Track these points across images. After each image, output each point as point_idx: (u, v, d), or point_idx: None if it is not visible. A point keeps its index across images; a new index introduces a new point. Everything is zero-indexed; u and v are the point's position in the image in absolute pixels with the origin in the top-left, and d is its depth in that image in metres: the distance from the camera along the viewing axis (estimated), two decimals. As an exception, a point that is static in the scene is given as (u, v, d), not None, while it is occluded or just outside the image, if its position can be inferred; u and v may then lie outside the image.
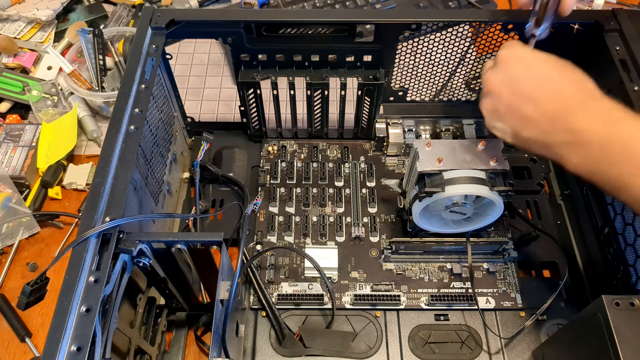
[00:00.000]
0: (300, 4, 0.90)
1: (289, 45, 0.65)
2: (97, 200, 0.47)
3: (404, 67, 0.68)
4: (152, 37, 0.61)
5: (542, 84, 0.48)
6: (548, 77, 0.48)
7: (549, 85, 0.47)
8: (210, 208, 0.72)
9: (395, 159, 0.76)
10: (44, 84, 0.84)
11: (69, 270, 0.42)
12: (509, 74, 0.49)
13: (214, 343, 0.44)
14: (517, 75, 0.48)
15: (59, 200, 0.75)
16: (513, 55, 0.50)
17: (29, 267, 0.69)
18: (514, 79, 0.48)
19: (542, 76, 0.48)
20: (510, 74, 0.49)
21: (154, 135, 0.60)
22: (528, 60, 0.49)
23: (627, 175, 0.43)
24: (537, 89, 0.47)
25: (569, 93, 0.47)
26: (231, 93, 0.87)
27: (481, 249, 0.65)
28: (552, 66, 0.48)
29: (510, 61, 0.49)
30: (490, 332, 0.62)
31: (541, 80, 0.48)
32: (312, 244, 0.68)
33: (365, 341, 0.61)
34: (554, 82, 0.47)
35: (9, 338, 0.63)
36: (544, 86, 0.47)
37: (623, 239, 0.59)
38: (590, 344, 0.47)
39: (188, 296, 0.58)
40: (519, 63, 0.49)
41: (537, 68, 0.49)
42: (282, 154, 0.76)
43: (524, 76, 0.48)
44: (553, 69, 0.48)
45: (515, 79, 0.48)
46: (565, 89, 0.47)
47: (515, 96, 0.48)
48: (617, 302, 0.44)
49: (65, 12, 0.95)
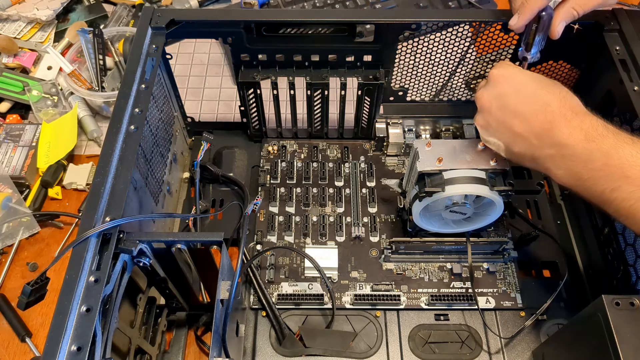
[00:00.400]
0: (300, 4, 0.90)
1: (289, 45, 0.65)
2: (97, 200, 0.47)
3: (404, 67, 0.68)
4: (152, 37, 0.61)
5: (529, 100, 0.49)
6: (535, 94, 0.50)
7: (536, 101, 0.49)
8: (210, 208, 0.72)
9: (395, 159, 0.76)
10: (44, 84, 0.84)
11: (69, 270, 0.42)
12: (499, 91, 0.51)
13: (214, 343, 0.44)
14: (506, 92, 0.51)
15: (59, 200, 0.75)
16: (503, 73, 0.52)
17: (29, 267, 0.69)
18: (503, 95, 0.51)
19: (530, 93, 0.50)
20: (500, 91, 0.51)
21: (154, 135, 0.60)
22: (517, 79, 0.52)
23: (609, 190, 0.45)
24: (524, 104, 0.49)
25: (554, 109, 0.48)
26: (231, 93, 0.87)
27: (481, 249, 0.65)
28: (539, 84, 0.51)
29: (501, 79, 0.52)
30: (490, 332, 0.62)
31: (528, 97, 0.50)
32: (312, 244, 0.68)
33: (365, 341, 0.61)
34: (540, 98, 0.49)
35: (9, 338, 0.63)
36: (531, 102, 0.49)
37: (623, 239, 0.59)
38: (590, 344, 0.47)
39: (188, 296, 0.58)
40: (509, 81, 0.52)
41: (525, 86, 0.51)
42: (282, 154, 0.76)
43: (513, 93, 0.51)
44: (540, 87, 0.50)
45: (504, 96, 0.51)
46: (551, 105, 0.48)
47: (504, 112, 0.51)
48: (617, 302, 0.44)
49: (65, 12, 0.95)
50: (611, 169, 0.44)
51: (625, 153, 0.44)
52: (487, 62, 0.68)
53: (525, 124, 0.49)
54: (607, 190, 0.45)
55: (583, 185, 0.47)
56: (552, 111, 0.48)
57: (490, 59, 0.67)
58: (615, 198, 0.44)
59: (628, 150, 0.44)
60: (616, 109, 0.60)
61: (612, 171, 0.44)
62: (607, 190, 0.45)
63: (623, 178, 0.44)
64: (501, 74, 0.52)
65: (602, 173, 0.45)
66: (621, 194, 0.44)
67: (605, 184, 0.45)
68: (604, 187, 0.45)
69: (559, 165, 0.48)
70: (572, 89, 0.50)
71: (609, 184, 0.45)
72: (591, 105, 0.49)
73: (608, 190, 0.45)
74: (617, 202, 0.44)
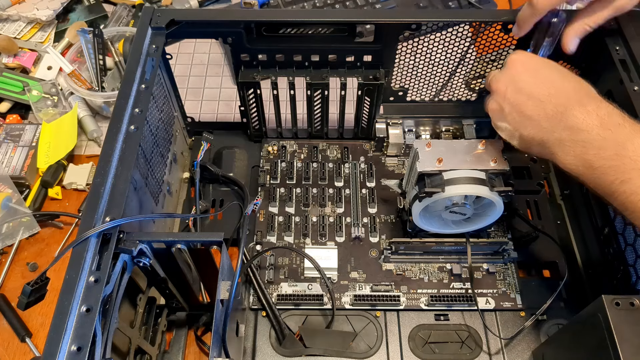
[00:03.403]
0: (300, 4, 0.90)
1: (289, 45, 0.65)
2: (97, 200, 0.47)
3: (404, 67, 0.68)
4: (152, 37, 0.61)
5: (545, 84, 0.49)
6: (551, 79, 0.50)
7: (552, 85, 0.49)
8: (210, 208, 0.72)
9: (395, 159, 0.76)
10: (44, 84, 0.84)
11: (69, 270, 0.42)
12: (515, 74, 0.52)
13: (214, 343, 0.44)
14: (523, 76, 0.51)
15: (59, 200, 0.75)
16: (521, 58, 0.52)
17: (29, 267, 0.69)
18: (519, 79, 0.51)
19: (546, 78, 0.50)
20: (515, 74, 0.52)
21: (154, 135, 0.60)
22: (534, 63, 0.52)
23: (618, 182, 0.43)
24: (539, 88, 0.49)
25: (570, 93, 0.48)
26: (231, 93, 0.87)
27: (481, 250, 0.65)
28: (555, 70, 0.51)
29: (518, 63, 0.52)
30: (490, 332, 0.62)
31: (544, 81, 0.50)
32: (312, 244, 0.68)
33: (365, 341, 0.61)
34: (556, 83, 0.49)
35: (9, 338, 0.63)
36: (547, 86, 0.49)
37: (623, 239, 0.59)
38: (590, 344, 0.47)
39: (188, 296, 0.58)
40: (525, 65, 0.52)
41: (541, 70, 0.51)
42: (282, 154, 0.76)
43: (529, 76, 0.51)
44: (556, 72, 0.50)
45: (519, 79, 0.51)
46: (566, 90, 0.48)
47: (518, 95, 0.50)
48: (617, 302, 0.44)
49: (65, 12, 0.95)
50: (624, 160, 0.43)
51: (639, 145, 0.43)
52: (487, 62, 0.68)
53: (539, 107, 0.48)
54: (616, 181, 0.43)
55: (592, 174, 0.45)
56: (568, 95, 0.47)
57: (490, 59, 0.67)
58: (624, 190, 0.43)
59: None
60: (616, 109, 0.60)
61: (624, 162, 0.43)
62: (617, 182, 0.43)
63: (635, 170, 0.42)
64: (519, 58, 0.52)
65: (613, 163, 0.43)
66: (631, 186, 0.43)
67: (615, 175, 0.43)
68: (613, 177, 0.43)
69: (568, 151, 0.46)
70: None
71: (619, 175, 0.43)
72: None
73: (617, 182, 0.43)
74: (626, 195, 0.43)
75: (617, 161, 0.43)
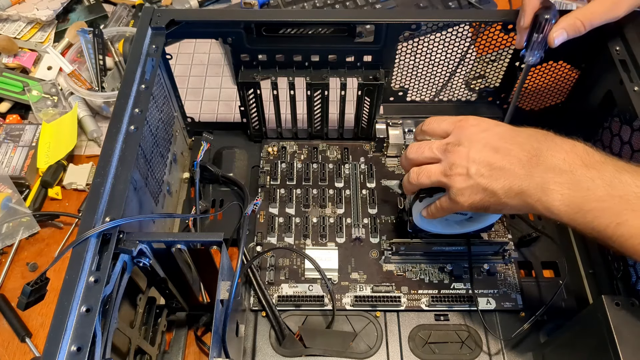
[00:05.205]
0: (300, 4, 0.90)
1: (289, 45, 0.65)
2: (97, 201, 0.47)
3: (404, 67, 0.68)
4: (152, 37, 0.61)
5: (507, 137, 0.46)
6: (510, 133, 0.47)
7: (515, 135, 0.46)
8: (210, 208, 0.72)
9: (395, 160, 0.76)
10: (44, 84, 0.84)
11: (69, 270, 0.42)
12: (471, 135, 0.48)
13: (214, 343, 0.44)
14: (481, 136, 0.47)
15: (59, 200, 0.75)
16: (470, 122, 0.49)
17: (29, 267, 0.69)
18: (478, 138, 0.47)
19: (504, 132, 0.47)
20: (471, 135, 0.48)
21: (154, 135, 0.60)
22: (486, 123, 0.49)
23: (614, 225, 0.40)
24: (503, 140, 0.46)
25: (539, 137, 0.45)
26: (231, 93, 0.87)
27: (481, 250, 0.65)
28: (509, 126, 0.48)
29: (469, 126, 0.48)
30: (490, 333, 0.62)
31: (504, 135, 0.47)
32: (312, 245, 0.68)
33: (365, 341, 0.61)
34: (517, 133, 0.46)
35: (9, 338, 0.63)
36: (510, 137, 0.46)
37: (623, 239, 0.59)
38: (590, 344, 0.47)
39: (188, 296, 0.58)
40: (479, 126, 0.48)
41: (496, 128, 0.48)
42: (282, 155, 0.76)
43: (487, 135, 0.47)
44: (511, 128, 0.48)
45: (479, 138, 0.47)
46: (532, 136, 0.46)
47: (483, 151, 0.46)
48: (617, 302, 0.44)
49: (65, 12, 0.95)
50: (615, 201, 0.40)
51: (628, 182, 0.40)
52: (487, 62, 0.68)
53: (510, 155, 0.45)
54: (611, 225, 0.40)
55: (584, 218, 0.41)
56: (537, 139, 0.44)
57: (490, 59, 0.67)
58: (621, 234, 0.40)
59: (630, 179, 0.40)
60: (616, 109, 0.60)
61: (616, 203, 0.40)
62: (612, 225, 0.40)
63: (629, 212, 0.39)
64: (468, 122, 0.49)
65: (606, 205, 0.40)
66: (628, 229, 0.39)
67: (610, 218, 0.40)
68: (608, 221, 0.40)
69: (554, 195, 0.42)
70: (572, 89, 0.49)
71: (613, 217, 0.40)
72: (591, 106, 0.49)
73: (613, 225, 0.40)
74: (624, 239, 0.40)
75: (610, 202, 0.40)
